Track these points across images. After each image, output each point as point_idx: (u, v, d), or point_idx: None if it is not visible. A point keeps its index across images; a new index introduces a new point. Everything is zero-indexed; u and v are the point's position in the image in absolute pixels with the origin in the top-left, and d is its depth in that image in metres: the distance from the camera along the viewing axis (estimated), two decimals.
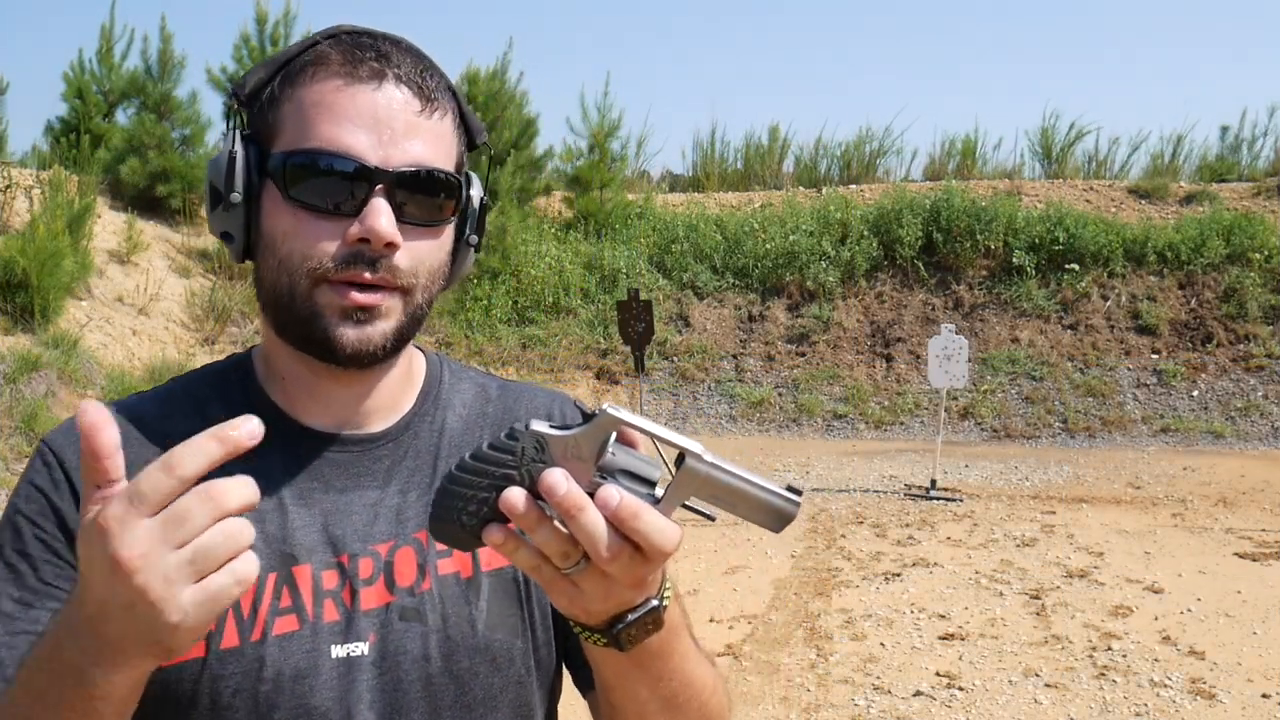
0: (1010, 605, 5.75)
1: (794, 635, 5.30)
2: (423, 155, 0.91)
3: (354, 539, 0.95)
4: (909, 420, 12.58)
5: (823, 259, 14.30)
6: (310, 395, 0.98)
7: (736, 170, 17.62)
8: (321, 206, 0.89)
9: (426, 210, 0.92)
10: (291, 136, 0.90)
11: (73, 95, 12.44)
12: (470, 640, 0.96)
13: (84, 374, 8.51)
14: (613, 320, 13.17)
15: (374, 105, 0.89)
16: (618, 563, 0.72)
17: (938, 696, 4.53)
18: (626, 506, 0.71)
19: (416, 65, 0.93)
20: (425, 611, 0.95)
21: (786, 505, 0.76)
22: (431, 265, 0.94)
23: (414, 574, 0.96)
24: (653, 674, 0.87)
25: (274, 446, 0.93)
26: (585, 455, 0.74)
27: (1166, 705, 4.43)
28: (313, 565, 0.94)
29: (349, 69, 0.90)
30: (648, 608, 0.79)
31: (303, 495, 0.96)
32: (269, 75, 0.93)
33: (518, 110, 15.69)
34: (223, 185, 0.91)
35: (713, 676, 0.96)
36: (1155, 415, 12.19)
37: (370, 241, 0.88)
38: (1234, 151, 16.55)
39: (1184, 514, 8.11)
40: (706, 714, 0.94)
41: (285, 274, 0.90)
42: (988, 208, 14.16)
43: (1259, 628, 5.40)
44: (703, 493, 0.75)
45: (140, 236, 10.94)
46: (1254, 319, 12.97)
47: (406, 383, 1.03)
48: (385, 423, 1.01)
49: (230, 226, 0.93)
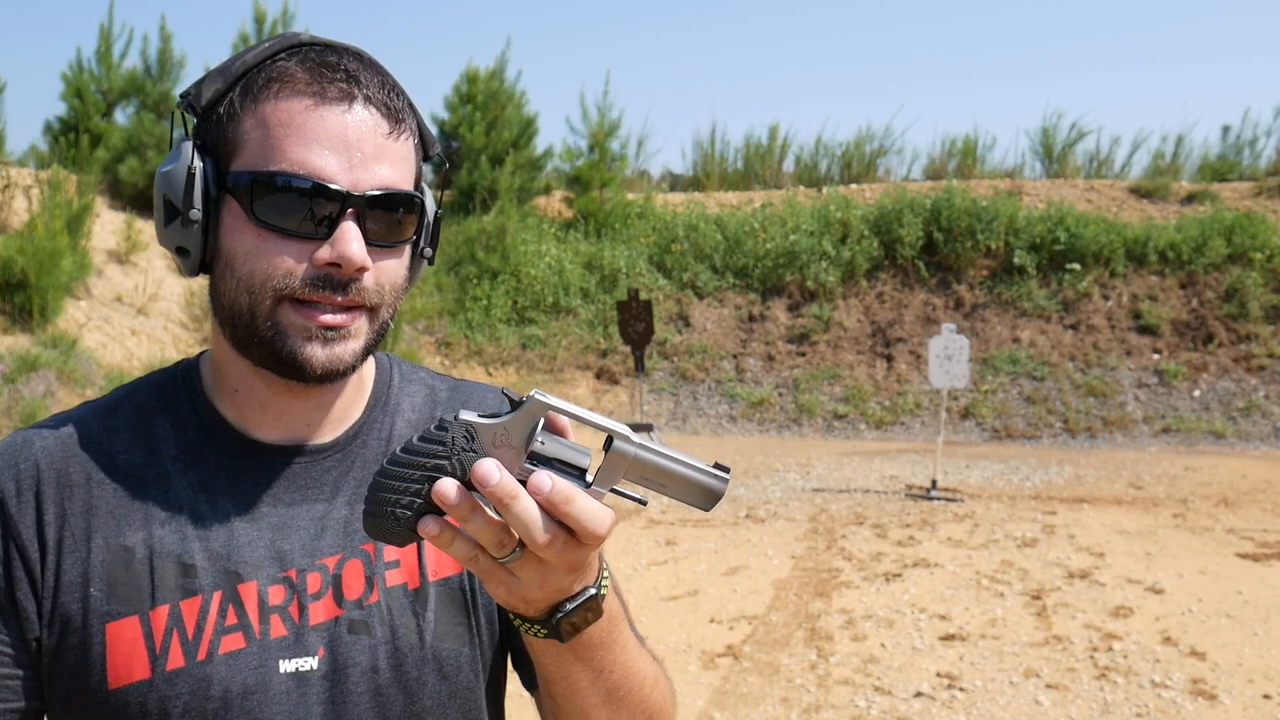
0: (1011, 606, 5.74)
1: (794, 636, 5.29)
2: (390, 178, 0.90)
3: (301, 553, 0.95)
4: (909, 420, 12.56)
5: (823, 259, 14.29)
6: (263, 409, 0.97)
7: (737, 170, 17.62)
8: (289, 228, 0.87)
9: (391, 231, 0.92)
10: (256, 155, 0.88)
11: (72, 95, 12.44)
12: (418, 651, 0.96)
13: (83, 374, 8.50)
14: (613, 320, 13.16)
15: (344, 128, 0.88)
16: (553, 548, 0.73)
17: (938, 697, 4.51)
18: (559, 491, 0.72)
19: (383, 85, 0.91)
20: (373, 624, 0.95)
21: (715, 483, 0.76)
22: (395, 282, 0.94)
23: (362, 587, 0.96)
24: (594, 666, 0.88)
25: (221, 460, 0.96)
26: (515, 442, 0.74)
27: (1167, 706, 4.41)
28: (259, 581, 0.93)
29: (317, 88, 0.88)
30: (585, 596, 0.80)
31: (249, 510, 0.95)
32: (227, 86, 0.91)
33: (517, 109, 15.69)
34: (180, 201, 0.90)
35: (654, 669, 0.97)
36: (1156, 415, 12.18)
37: (341, 266, 0.88)
38: (1235, 151, 16.54)
39: (1185, 514, 8.09)
40: (648, 707, 0.95)
41: (245, 292, 0.89)
42: (988, 207, 14.15)
43: (1260, 628, 5.38)
44: (633, 474, 0.75)
45: (139, 236, 10.93)
46: (1255, 319, 12.96)
47: (357, 389, 1.03)
48: (334, 433, 1.00)
49: (186, 242, 0.91)
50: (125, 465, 0.94)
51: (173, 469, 0.95)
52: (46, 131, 12.74)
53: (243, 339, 0.92)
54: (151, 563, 0.91)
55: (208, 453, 0.96)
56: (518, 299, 14.12)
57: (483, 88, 15.43)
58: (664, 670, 1.01)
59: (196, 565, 0.92)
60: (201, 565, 0.92)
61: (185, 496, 0.94)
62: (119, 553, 0.91)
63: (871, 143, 17.31)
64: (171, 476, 0.95)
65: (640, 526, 7.54)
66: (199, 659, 0.90)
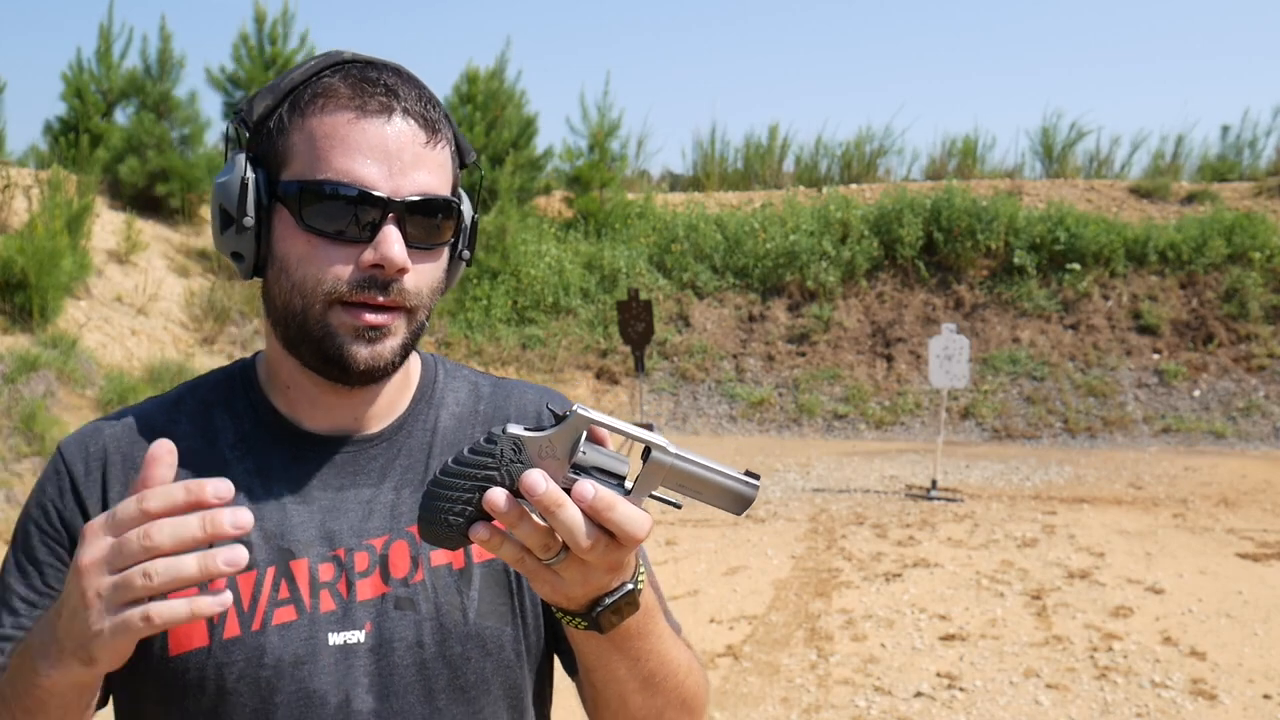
0: (1011, 606, 5.74)
1: (794, 636, 5.29)
2: (428, 184, 0.96)
3: (350, 534, 1.01)
4: (909, 420, 12.56)
5: (823, 259, 14.28)
6: (312, 404, 1.04)
7: (737, 170, 17.61)
8: (335, 233, 0.94)
9: (430, 234, 0.98)
10: (304, 165, 0.95)
11: (71, 95, 12.42)
12: (462, 627, 1.01)
13: (83, 374, 8.49)
14: (613, 320, 13.15)
15: (384, 138, 0.95)
16: (595, 551, 0.79)
17: (938, 697, 4.51)
18: (601, 499, 0.78)
19: (420, 97, 0.98)
20: (419, 601, 1.01)
21: (746, 489, 0.82)
22: (433, 284, 1.01)
23: (408, 566, 1.01)
24: (631, 654, 0.94)
25: (276, 448, 1.04)
26: (559, 454, 0.80)
27: (1167, 706, 4.41)
28: (310, 559, 0.99)
29: (359, 102, 0.95)
30: (624, 590, 0.86)
31: (302, 493, 1.02)
32: (276, 102, 0.98)
33: (517, 109, 15.68)
34: (234, 209, 0.96)
35: (688, 658, 1.03)
36: (1156, 415, 12.17)
37: (384, 267, 0.94)
38: (1235, 151, 16.54)
39: (1185, 514, 8.09)
40: (683, 694, 1.01)
41: (299, 295, 0.96)
42: (988, 207, 14.15)
43: (1260, 628, 5.38)
44: (669, 482, 0.81)
45: (139, 236, 10.92)
46: (1255, 319, 12.95)
47: (403, 385, 1.09)
48: (380, 424, 1.06)
49: (241, 248, 0.98)
50: (185, 451, 0.98)
51: (230, 456, 1.03)
52: (46, 131, 12.73)
53: (294, 339, 0.99)
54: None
55: (263, 442, 1.04)
56: (518, 299, 14.11)
57: (483, 88, 15.42)
58: (698, 659, 1.07)
59: (252, 542, 0.98)
60: (256, 543, 0.98)
61: (242, 480, 1.00)
62: None
63: (871, 143, 17.33)
64: (229, 463, 1.02)
65: None
66: (253, 629, 0.97)
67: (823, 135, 24.43)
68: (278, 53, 13.60)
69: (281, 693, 0.96)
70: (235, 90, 13.65)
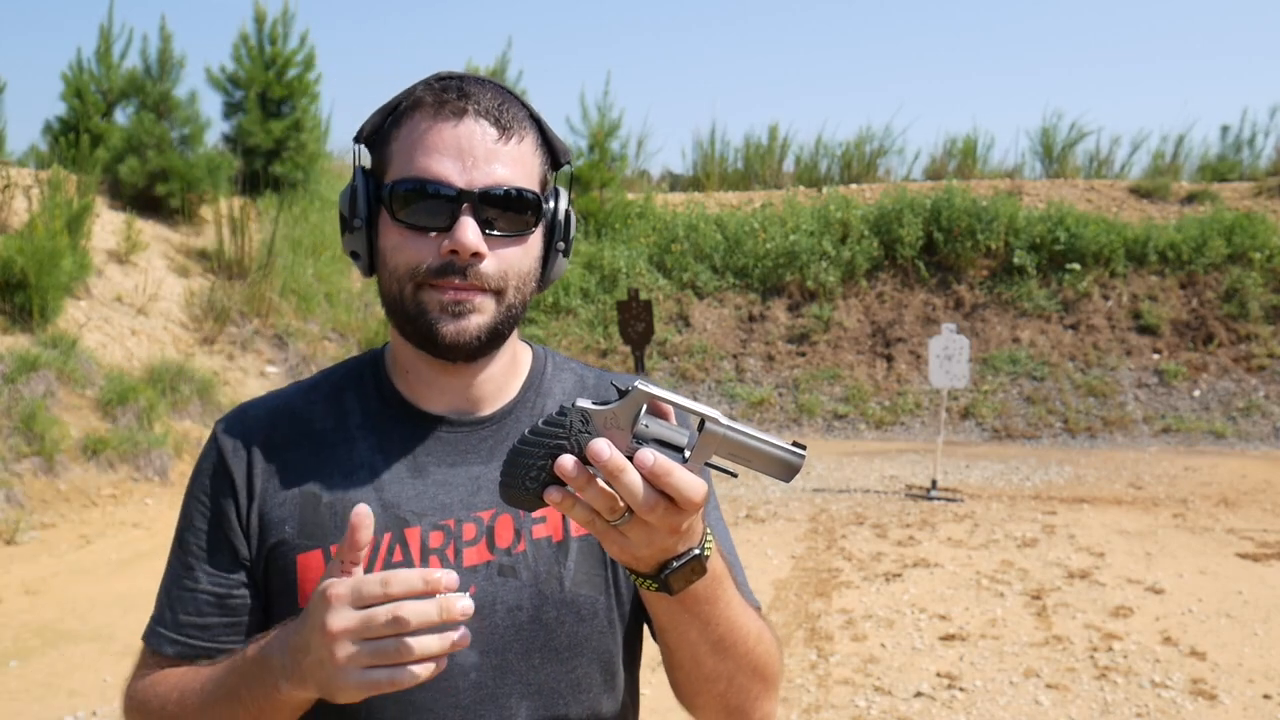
0: (1011, 606, 5.74)
1: (794, 636, 5.29)
2: (504, 176, 1.07)
3: (460, 506, 1.13)
4: (909, 420, 12.56)
5: (823, 259, 14.28)
6: (427, 385, 1.16)
7: (737, 170, 17.61)
8: (420, 224, 1.07)
9: (510, 223, 1.09)
10: (397, 168, 1.08)
11: (71, 95, 12.41)
12: (558, 594, 1.12)
13: (83, 374, 8.49)
14: (613, 320, 13.16)
15: (457, 137, 1.06)
16: (655, 513, 0.87)
17: (938, 697, 4.51)
18: (660, 465, 0.85)
19: (495, 99, 1.09)
20: (520, 569, 1.11)
21: (794, 458, 0.90)
22: (520, 270, 1.11)
23: (511, 537, 1.12)
24: (701, 618, 1.02)
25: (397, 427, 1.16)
26: (623, 425, 0.88)
27: (1167, 706, 4.41)
28: (422, 527, 1.11)
29: (436, 108, 1.07)
30: (690, 555, 0.94)
31: (418, 468, 1.14)
32: (381, 120, 1.12)
33: None
34: (348, 213, 1.11)
35: (759, 627, 1.10)
36: (1156, 415, 12.17)
37: (459, 253, 1.05)
38: (1235, 151, 16.54)
39: (1185, 514, 8.09)
40: (753, 659, 1.09)
41: (395, 281, 1.09)
42: (988, 207, 14.14)
43: (1260, 628, 5.38)
44: (722, 451, 0.89)
45: (139, 236, 10.92)
46: (1255, 319, 12.95)
47: (511, 373, 1.21)
48: (491, 408, 1.18)
49: (356, 246, 1.12)
50: (319, 430, 1.16)
51: (357, 434, 1.16)
52: (46, 131, 12.72)
53: (399, 322, 1.12)
54: (334, 507, 1.11)
55: (386, 421, 1.16)
56: None
57: None
58: (771, 629, 1.15)
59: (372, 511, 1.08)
60: (376, 511, 1.08)
61: (365, 456, 1.14)
62: (310, 498, 1.12)
63: (871, 143, 17.32)
64: (356, 440, 1.15)
65: None
66: None
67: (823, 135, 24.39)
68: (278, 53, 13.60)
69: None
70: (235, 90, 13.65)
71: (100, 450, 7.84)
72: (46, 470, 7.47)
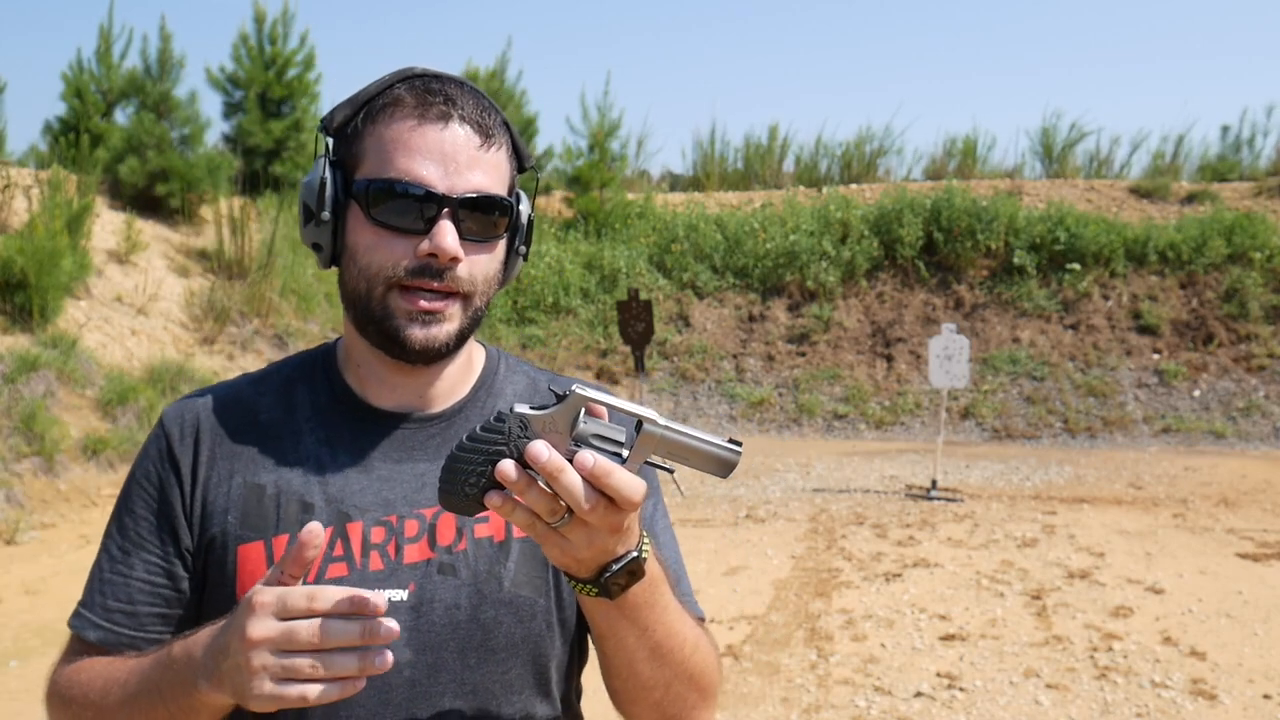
0: (1011, 606, 5.74)
1: (794, 636, 5.29)
2: (482, 183, 1.08)
3: (403, 502, 1.12)
4: (909, 420, 12.56)
5: (823, 259, 14.29)
6: (380, 381, 1.16)
7: (737, 170, 17.62)
8: (397, 225, 1.07)
9: (484, 228, 1.09)
10: (373, 166, 1.08)
11: (71, 95, 12.42)
12: (497, 594, 1.11)
13: (83, 374, 8.49)
14: (613, 320, 13.16)
15: (441, 142, 1.07)
16: (595, 514, 0.87)
17: (938, 697, 4.51)
18: (600, 466, 0.86)
19: (478, 106, 1.10)
20: (460, 567, 1.11)
21: (730, 455, 0.90)
22: (488, 274, 1.12)
23: (453, 535, 1.12)
24: (638, 624, 1.01)
25: (345, 421, 1.16)
26: (561, 428, 0.89)
27: (1167, 706, 4.41)
28: (365, 522, 1.11)
29: (421, 110, 1.07)
30: (628, 558, 0.94)
31: (363, 463, 1.13)
32: (353, 112, 1.11)
33: (517, 109, 15.69)
34: (314, 204, 1.10)
35: (696, 634, 1.10)
36: (1156, 415, 12.18)
37: (438, 256, 1.06)
38: (1235, 151, 16.55)
39: (1185, 514, 8.09)
40: (689, 667, 1.08)
41: (364, 280, 1.09)
42: (988, 207, 14.15)
43: (1260, 628, 5.38)
44: (660, 451, 0.90)
45: (139, 236, 10.92)
46: (1255, 319, 12.96)
47: (465, 372, 1.20)
48: (442, 406, 1.18)
49: (319, 239, 1.11)
50: (267, 421, 1.16)
51: (304, 427, 1.15)
52: (46, 131, 12.73)
53: (361, 320, 1.11)
54: (278, 499, 1.11)
55: (334, 415, 1.16)
56: (517, 299, 14.12)
57: (482, 87, 15.40)
58: (710, 638, 1.15)
59: (315, 504, 1.11)
60: (319, 504, 1.11)
61: (312, 449, 1.14)
62: (253, 489, 1.11)
63: (871, 143, 17.33)
64: (303, 433, 1.15)
65: None
66: (307, 580, 1.03)
67: (823, 135, 24.43)
68: (277, 53, 13.60)
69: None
70: (235, 90, 13.66)
71: (100, 450, 7.84)
72: (46, 470, 7.47)
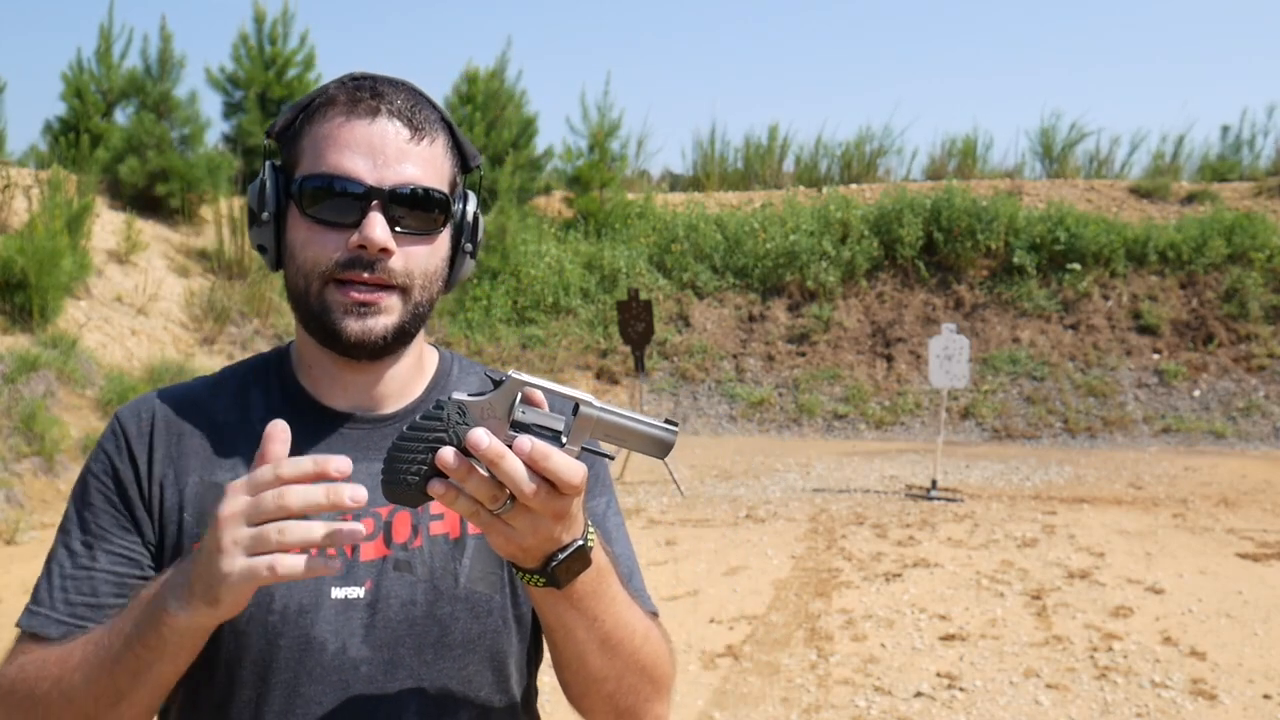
0: (1011, 606, 5.74)
1: (794, 636, 5.28)
2: (414, 176, 1.08)
3: None
4: (909, 420, 12.56)
5: (823, 259, 14.29)
6: (332, 381, 1.17)
7: (736, 170, 17.62)
8: (329, 220, 1.08)
9: (418, 221, 1.10)
10: (307, 164, 1.10)
11: (71, 95, 12.42)
12: (453, 591, 1.12)
13: (83, 374, 8.49)
14: (613, 320, 13.16)
15: (369, 135, 1.08)
16: (538, 498, 0.88)
17: (938, 697, 4.51)
18: (539, 450, 0.87)
19: (408, 101, 1.11)
20: (415, 564, 1.12)
21: (666, 435, 0.91)
22: (427, 269, 1.12)
23: (409, 533, 1.13)
24: (587, 615, 1.02)
25: (298, 423, 1.14)
26: (499, 414, 0.89)
27: (1167, 706, 4.41)
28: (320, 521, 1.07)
29: (349, 106, 1.09)
30: (574, 546, 0.95)
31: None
32: (294, 116, 1.13)
33: (517, 109, 15.69)
34: (256, 206, 1.12)
35: (646, 625, 1.11)
36: (1156, 415, 12.18)
37: (366, 248, 1.07)
38: (1235, 151, 16.55)
39: (1185, 514, 8.09)
40: (640, 658, 1.09)
41: (301, 276, 1.10)
42: (988, 207, 14.15)
43: (1260, 628, 5.38)
44: (598, 433, 0.91)
45: (139, 236, 10.92)
46: (1255, 319, 12.96)
47: (417, 373, 1.21)
48: (395, 406, 1.19)
49: (263, 240, 1.13)
50: (222, 422, 1.16)
51: (259, 428, 1.12)
52: (46, 131, 12.74)
53: (304, 317, 1.12)
54: None
55: (288, 416, 1.13)
56: (518, 299, 14.12)
57: (483, 88, 15.43)
58: (661, 630, 1.15)
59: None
60: None
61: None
62: (209, 487, 1.11)
63: (871, 143, 17.33)
64: (258, 434, 1.13)
65: (640, 526, 7.53)
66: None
67: (823, 135, 24.42)
68: (277, 53, 13.60)
69: (285, 637, 1.07)
70: (235, 90, 13.66)
71: None
72: (46, 470, 7.47)
